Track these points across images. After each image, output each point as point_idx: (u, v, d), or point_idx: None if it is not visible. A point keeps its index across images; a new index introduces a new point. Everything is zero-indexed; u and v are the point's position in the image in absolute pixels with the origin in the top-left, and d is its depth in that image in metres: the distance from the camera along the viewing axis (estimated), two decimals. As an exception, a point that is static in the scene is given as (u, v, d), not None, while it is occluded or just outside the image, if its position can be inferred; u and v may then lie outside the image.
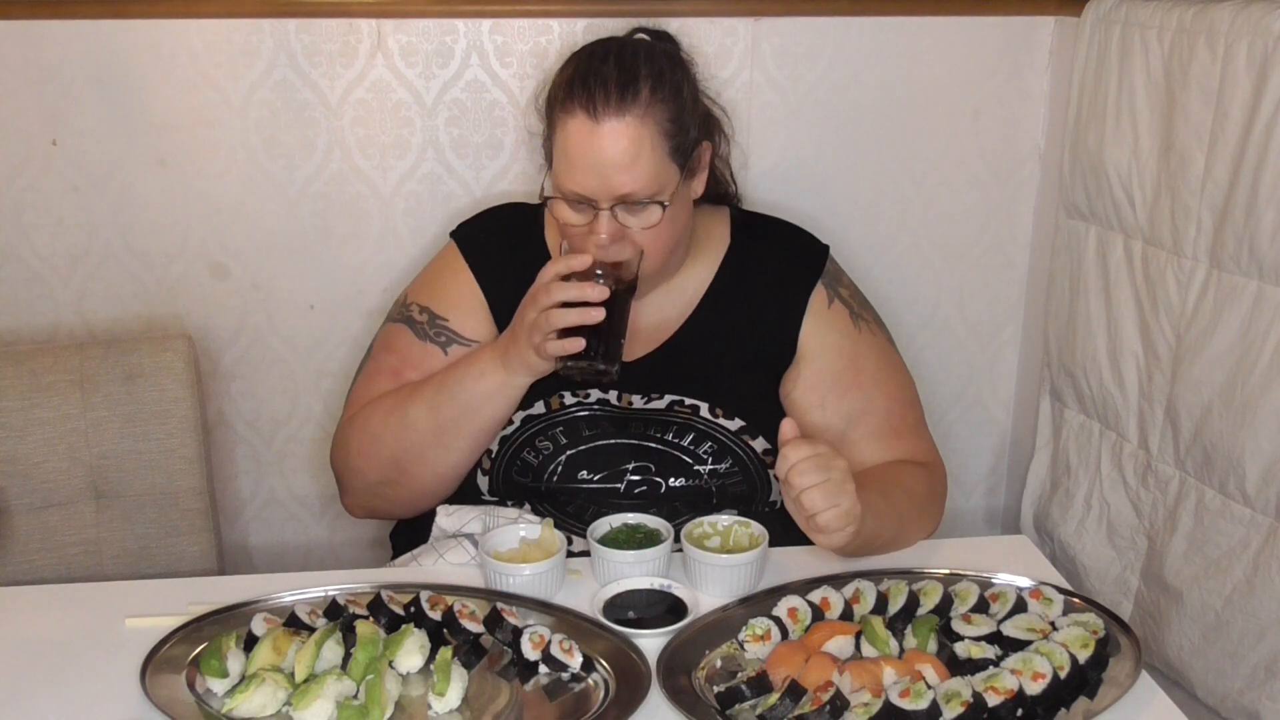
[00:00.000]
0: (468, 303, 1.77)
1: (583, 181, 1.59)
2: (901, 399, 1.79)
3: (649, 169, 1.59)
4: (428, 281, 1.83)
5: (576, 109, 1.58)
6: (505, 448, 1.71)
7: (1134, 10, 1.87)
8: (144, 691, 1.29)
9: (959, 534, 2.37)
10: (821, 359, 1.75)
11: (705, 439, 1.70)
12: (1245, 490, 1.70)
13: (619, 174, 1.58)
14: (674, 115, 1.63)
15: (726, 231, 1.81)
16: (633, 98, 1.58)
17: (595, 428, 1.70)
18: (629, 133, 1.57)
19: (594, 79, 1.59)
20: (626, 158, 1.57)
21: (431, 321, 1.78)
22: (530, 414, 1.71)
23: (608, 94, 1.58)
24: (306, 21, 2.00)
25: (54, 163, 2.02)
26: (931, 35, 2.13)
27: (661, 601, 1.47)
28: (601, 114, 1.57)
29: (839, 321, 1.77)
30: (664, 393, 1.72)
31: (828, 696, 1.23)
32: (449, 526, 1.63)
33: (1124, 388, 1.94)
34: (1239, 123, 1.67)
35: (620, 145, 1.57)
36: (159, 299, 2.11)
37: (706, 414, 1.71)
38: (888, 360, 1.81)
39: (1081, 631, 1.35)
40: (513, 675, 1.34)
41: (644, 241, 1.62)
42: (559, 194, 1.63)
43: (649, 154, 1.59)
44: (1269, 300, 1.65)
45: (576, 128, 1.58)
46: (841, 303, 1.79)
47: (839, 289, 1.80)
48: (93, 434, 1.88)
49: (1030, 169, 2.23)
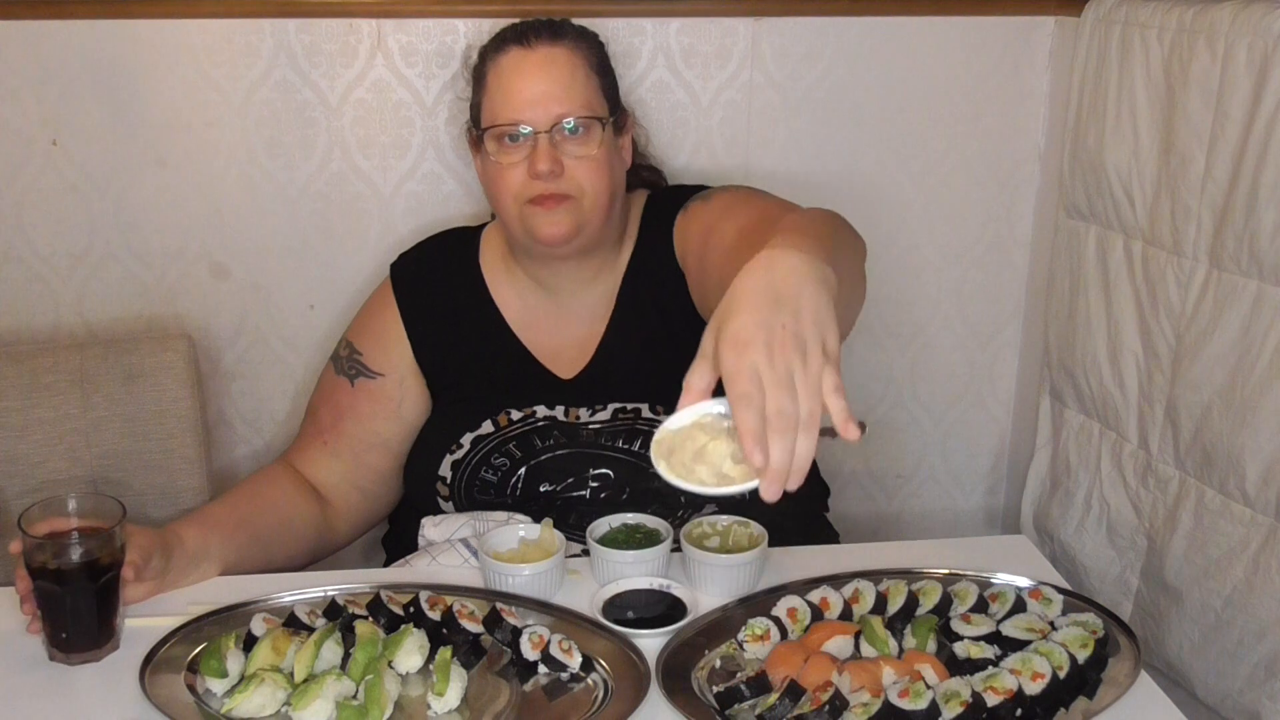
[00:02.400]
0: (388, 337, 1.80)
1: (519, 108, 1.61)
2: (761, 204, 1.58)
3: (584, 91, 1.63)
4: (360, 315, 1.87)
5: (509, 46, 1.64)
6: (460, 471, 1.71)
7: (1134, 10, 1.87)
8: (143, 691, 1.29)
9: (959, 534, 2.38)
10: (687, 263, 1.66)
11: None
12: (1245, 490, 1.70)
13: (556, 93, 1.61)
14: (601, 60, 1.69)
15: (639, 215, 1.79)
16: (562, 33, 1.66)
17: (548, 439, 1.70)
18: (563, 56, 1.63)
19: (523, 26, 1.67)
20: (563, 76, 1.62)
21: (350, 355, 1.81)
22: (479, 434, 1.71)
23: (539, 29, 1.65)
24: (306, 21, 2.00)
25: (54, 163, 2.02)
26: (931, 35, 2.13)
27: (661, 601, 1.47)
28: (535, 42, 1.64)
29: (690, 218, 1.68)
30: (606, 402, 1.72)
31: (827, 696, 1.23)
32: (436, 537, 1.62)
33: (1124, 388, 1.94)
34: (1239, 123, 1.67)
35: (556, 65, 1.63)
36: (159, 299, 2.11)
37: (649, 414, 1.70)
38: (741, 195, 1.65)
39: (1081, 631, 1.34)
40: (512, 675, 1.34)
41: (581, 175, 1.62)
42: (491, 127, 1.64)
43: (583, 78, 1.64)
44: (1269, 300, 1.65)
45: (510, 60, 1.64)
46: (695, 202, 1.69)
47: (698, 196, 1.70)
48: (93, 434, 1.88)
49: (1030, 169, 2.23)
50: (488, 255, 1.82)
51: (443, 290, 1.81)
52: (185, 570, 1.52)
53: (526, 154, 1.61)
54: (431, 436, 1.77)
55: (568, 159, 1.62)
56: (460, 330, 1.79)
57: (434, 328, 1.79)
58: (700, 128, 2.11)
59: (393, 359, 1.79)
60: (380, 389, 1.79)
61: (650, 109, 2.08)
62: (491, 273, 1.80)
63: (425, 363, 1.79)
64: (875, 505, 2.40)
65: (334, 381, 1.81)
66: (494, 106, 1.64)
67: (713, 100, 2.10)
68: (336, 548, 1.82)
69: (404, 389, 1.79)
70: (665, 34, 2.05)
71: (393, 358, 1.79)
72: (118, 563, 1.39)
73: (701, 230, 1.63)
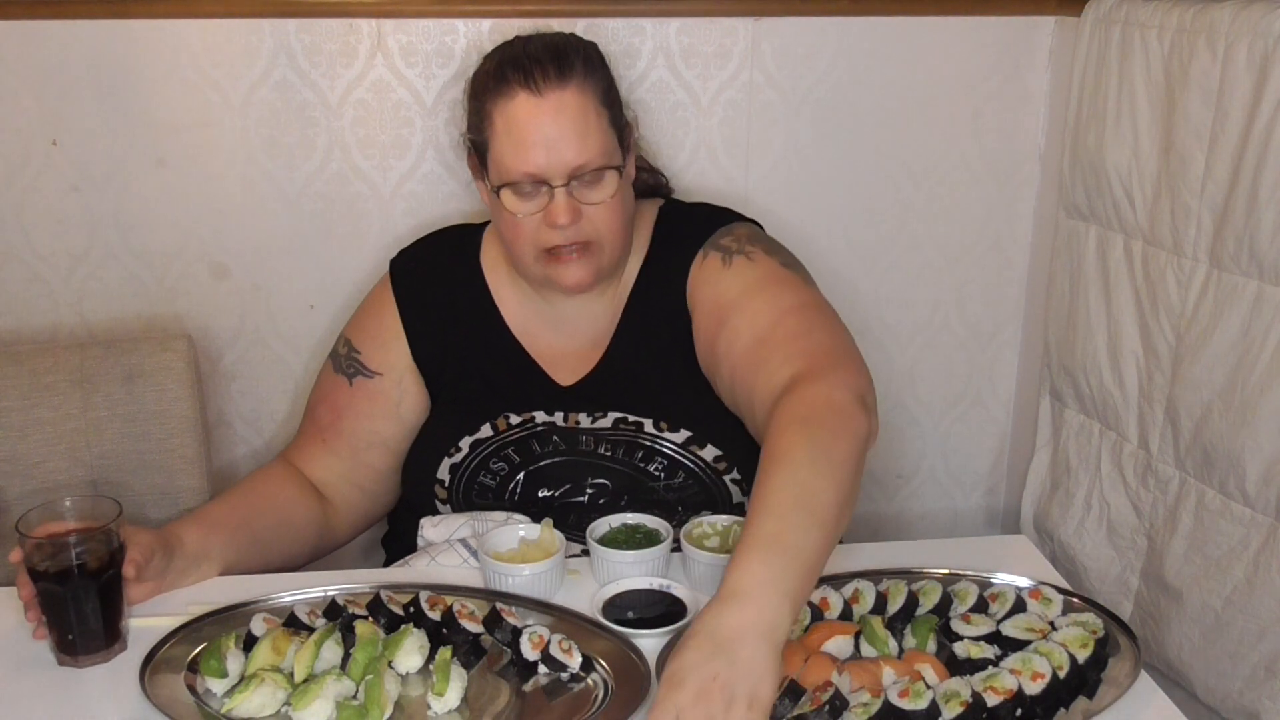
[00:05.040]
0: (386, 334, 1.79)
1: (534, 160, 1.56)
2: (773, 309, 1.58)
3: (598, 137, 1.58)
4: (359, 312, 1.86)
5: (516, 89, 1.57)
6: (458, 475, 1.70)
7: (1134, 10, 1.87)
8: (143, 691, 1.29)
9: (959, 534, 2.38)
10: (697, 319, 1.66)
11: (654, 456, 1.67)
12: (1245, 490, 1.69)
13: (570, 144, 1.55)
14: (606, 86, 1.63)
15: (650, 227, 1.76)
16: (569, 69, 1.58)
17: (547, 445, 1.69)
18: (574, 101, 1.56)
19: (526, 59, 1.58)
20: (576, 127, 1.56)
21: (349, 354, 1.80)
22: (478, 438, 1.71)
23: (544, 69, 1.57)
24: (306, 21, 2.00)
25: (54, 163, 2.02)
26: (931, 35, 2.13)
27: (661, 601, 1.47)
28: (544, 88, 1.56)
29: (709, 273, 1.66)
30: (608, 410, 1.70)
31: (827, 696, 1.23)
32: (435, 537, 1.62)
33: (1124, 388, 1.94)
34: (1239, 123, 1.67)
35: (567, 115, 1.56)
36: (159, 299, 2.11)
37: (651, 429, 1.68)
38: (760, 280, 1.63)
39: (1081, 631, 1.34)
40: (512, 675, 1.34)
41: (599, 220, 1.59)
42: (505, 183, 1.59)
43: (595, 121, 1.58)
44: (1269, 300, 1.65)
45: (519, 107, 1.56)
46: (716, 251, 1.67)
47: (720, 241, 1.68)
48: (93, 434, 1.88)
49: (1030, 169, 2.23)
50: (489, 255, 1.80)
51: (443, 289, 1.79)
52: (185, 571, 1.52)
53: (542, 204, 1.58)
54: (430, 439, 1.77)
55: (584, 205, 1.59)
56: (459, 330, 1.78)
57: (433, 326, 1.78)
58: (700, 128, 2.11)
59: (391, 358, 1.78)
60: (378, 388, 1.78)
61: (650, 109, 2.08)
62: (493, 274, 1.79)
63: (423, 361, 1.78)
64: (875, 505, 2.40)
65: (332, 380, 1.81)
66: (505, 159, 1.58)
67: (713, 100, 2.10)
68: (336, 545, 1.81)
69: (402, 388, 1.78)
70: (665, 34, 2.05)
71: (391, 357, 1.78)
72: (118, 561, 1.40)
73: (714, 302, 1.63)
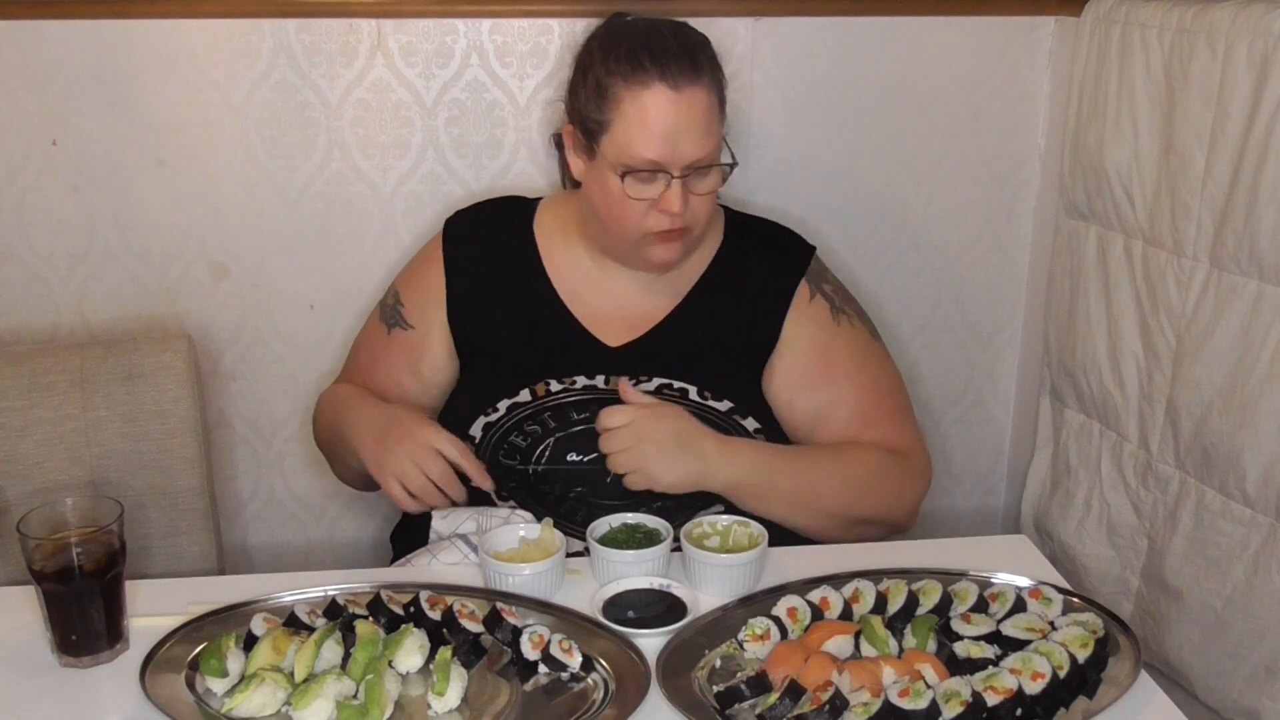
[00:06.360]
0: (428, 290, 1.84)
1: (659, 149, 1.61)
2: (876, 389, 1.81)
3: (716, 134, 1.66)
4: (409, 266, 1.92)
5: (653, 80, 1.61)
6: (491, 433, 1.72)
7: (1134, 10, 1.87)
8: (144, 691, 1.29)
9: (959, 534, 2.38)
10: (796, 351, 1.78)
11: None
12: (1245, 490, 1.70)
13: (696, 140, 1.62)
14: (722, 85, 1.69)
15: (721, 228, 1.84)
16: (699, 67, 1.64)
17: (584, 411, 1.71)
18: (704, 100, 1.63)
19: (661, 51, 1.63)
20: (701, 124, 1.63)
21: (395, 305, 1.87)
22: (516, 401, 1.73)
23: (680, 64, 1.62)
24: (306, 21, 2.00)
25: (54, 163, 2.02)
26: (931, 35, 2.13)
27: (661, 601, 1.47)
28: (681, 83, 1.61)
29: (819, 315, 1.80)
30: (653, 375, 1.73)
31: (827, 696, 1.23)
32: (444, 529, 1.63)
33: (1124, 388, 1.94)
34: (1239, 123, 1.67)
35: (699, 111, 1.63)
36: (159, 299, 2.11)
37: (695, 396, 1.72)
38: (863, 352, 1.82)
39: (1081, 631, 1.34)
40: (512, 675, 1.34)
41: (699, 209, 1.67)
42: (624, 167, 1.63)
43: (716, 119, 1.66)
44: (1269, 300, 1.65)
45: (655, 97, 1.61)
46: (824, 297, 1.81)
47: (822, 285, 1.83)
48: (93, 434, 1.88)
49: (1030, 169, 2.23)
50: (544, 224, 1.83)
51: (492, 251, 1.83)
52: None
53: (657, 190, 1.64)
54: (465, 398, 1.79)
55: (691, 195, 1.65)
56: (504, 294, 1.81)
57: (476, 287, 1.81)
58: (700, 128, 2.11)
59: (427, 315, 1.83)
60: (408, 341, 1.84)
61: (650, 109, 2.08)
62: (547, 241, 1.82)
63: (457, 324, 1.81)
64: (875, 505, 2.40)
65: (376, 326, 1.89)
66: (633, 145, 1.62)
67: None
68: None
69: (425, 345, 1.82)
70: (665, 34, 2.05)
71: (427, 314, 1.83)
72: (119, 561, 1.40)
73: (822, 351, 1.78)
